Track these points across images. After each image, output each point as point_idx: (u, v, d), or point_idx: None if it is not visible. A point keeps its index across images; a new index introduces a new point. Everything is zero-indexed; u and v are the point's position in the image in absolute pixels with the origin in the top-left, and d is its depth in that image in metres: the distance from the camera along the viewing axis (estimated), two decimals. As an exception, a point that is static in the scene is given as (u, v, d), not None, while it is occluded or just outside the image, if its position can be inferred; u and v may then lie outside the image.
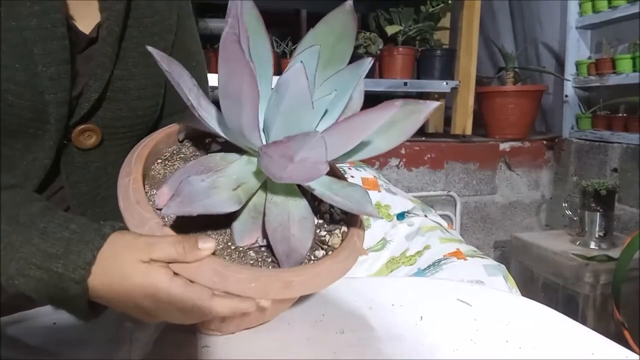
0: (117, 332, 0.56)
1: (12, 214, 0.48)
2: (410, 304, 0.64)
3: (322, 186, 0.50)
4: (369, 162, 1.85)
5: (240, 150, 0.51)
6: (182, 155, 0.55)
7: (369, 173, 1.44)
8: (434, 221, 1.40)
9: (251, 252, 0.49)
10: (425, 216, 1.40)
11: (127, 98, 0.65)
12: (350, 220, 0.55)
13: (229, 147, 0.53)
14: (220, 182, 0.46)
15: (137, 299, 0.45)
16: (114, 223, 0.48)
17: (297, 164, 0.41)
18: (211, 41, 1.86)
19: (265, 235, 0.49)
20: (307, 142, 0.39)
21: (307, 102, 0.43)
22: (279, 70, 1.72)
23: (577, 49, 2.18)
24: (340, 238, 0.53)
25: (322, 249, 0.52)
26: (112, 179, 0.65)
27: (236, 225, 0.49)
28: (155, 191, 0.50)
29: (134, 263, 0.44)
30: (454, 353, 0.53)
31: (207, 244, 0.44)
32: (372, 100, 0.53)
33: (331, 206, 0.56)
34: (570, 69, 2.18)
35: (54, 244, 0.46)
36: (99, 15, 0.62)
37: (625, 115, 1.95)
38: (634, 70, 1.87)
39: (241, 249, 0.49)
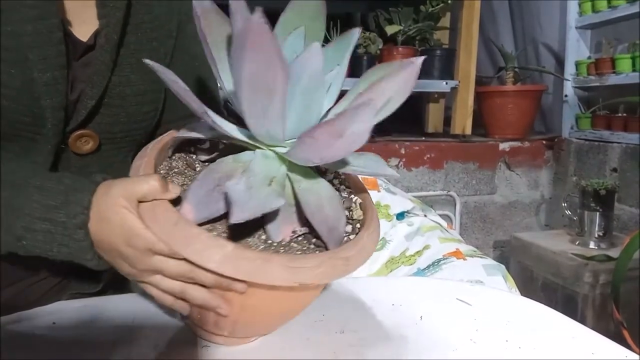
0: (117, 332, 0.56)
1: (7, 180, 0.50)
2: (410, 303, 0.65)
3: (340, 162, 0.51)
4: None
5: (242, 148, 0.51)
6: (176, 170, 0.55)
7: (368, 173, 1.44)
8: (434, 221, 1.40)
9: (293, 243, 0.49)
10: (425, 216, 1.40)
11: (125, 104, 0.64)
12: (358, 192, 0.57)
13: (220, 149, 0.54)
14: (253, 182, 0.45)
15: (118, 244, 0.47)
16: (104, 175, 0.51)
17: (345, 138, 0.42)
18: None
19: (301, 224, 0.50)
20: (358, 115, 0.40)
21: (321, 81, 0.45)
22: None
23: (577, 49, 2.18)
24: (361, 210, 0.55)
25: (349, 223, 0.53)
26: None
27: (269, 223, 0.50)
28: None
29: (116, 206, 0.47)
30: (453, 353, 0.54)
31: (175, 188, 0.47)
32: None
33: (333, 184, 0.57)
34: (569, 69, 2.18)
35: (53, 197, 0.49)
36: (97, 21, 0.61)
37: (624, 115, 1.95)
38: (634, 70, 1.87)
39: (284, 243, 0.49)
